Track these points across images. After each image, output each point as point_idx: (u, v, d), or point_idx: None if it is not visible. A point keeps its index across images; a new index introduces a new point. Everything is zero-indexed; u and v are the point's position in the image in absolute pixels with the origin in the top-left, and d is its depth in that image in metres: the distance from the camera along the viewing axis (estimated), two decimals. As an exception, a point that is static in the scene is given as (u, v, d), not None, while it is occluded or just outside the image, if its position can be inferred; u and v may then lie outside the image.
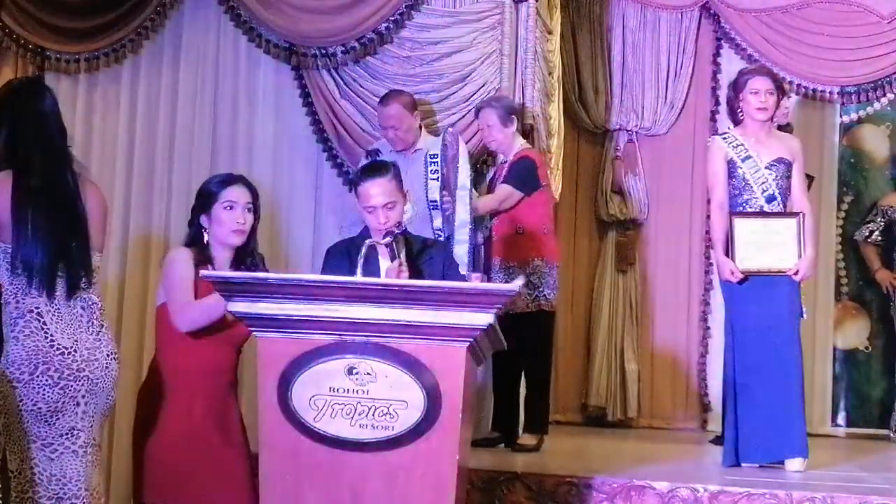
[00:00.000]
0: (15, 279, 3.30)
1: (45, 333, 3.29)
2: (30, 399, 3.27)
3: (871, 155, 7.28)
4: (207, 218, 3.89)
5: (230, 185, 3.91)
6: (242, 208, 3.88)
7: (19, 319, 3.29)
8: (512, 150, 5.63)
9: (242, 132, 6.30)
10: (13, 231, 3.28)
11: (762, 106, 5.24)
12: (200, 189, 3.98)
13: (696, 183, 7.17)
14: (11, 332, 3.29)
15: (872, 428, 7.01)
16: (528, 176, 5.55)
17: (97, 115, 6.41)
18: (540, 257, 5.52)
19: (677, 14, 7.25)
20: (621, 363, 7.13)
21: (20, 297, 3.30)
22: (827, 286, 7.15)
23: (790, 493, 4.37)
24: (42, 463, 3.29)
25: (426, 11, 6.06)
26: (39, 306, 3.30)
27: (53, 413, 3.28)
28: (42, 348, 3.27)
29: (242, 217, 3.87)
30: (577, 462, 5.50)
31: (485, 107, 5.63)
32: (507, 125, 5.58)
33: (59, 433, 3.30)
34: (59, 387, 3.27)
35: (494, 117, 5.57)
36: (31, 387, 3.26)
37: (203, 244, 3.89)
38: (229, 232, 3.86)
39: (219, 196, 3.87)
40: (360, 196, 4.09)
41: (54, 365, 3.27)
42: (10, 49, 6.35)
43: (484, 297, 3.16)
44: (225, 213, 3.86)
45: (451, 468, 3.12)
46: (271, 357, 3.22)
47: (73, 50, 6.36)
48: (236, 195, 3.88)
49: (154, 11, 6.30)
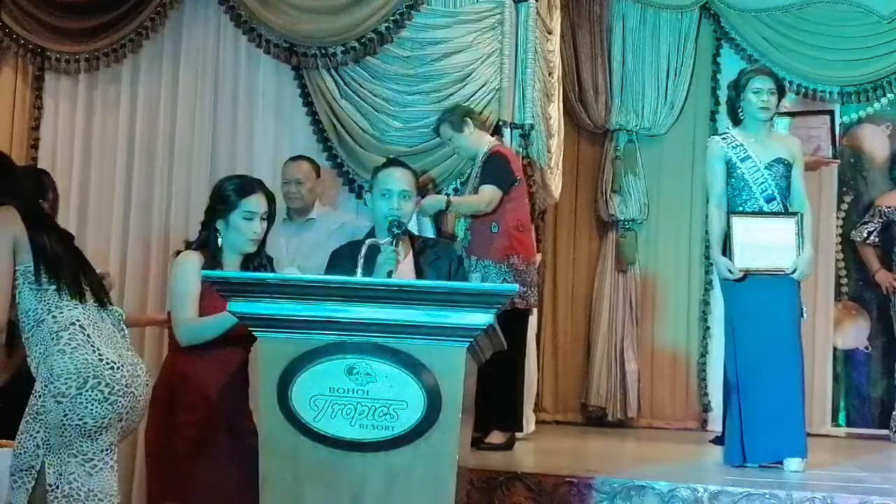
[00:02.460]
0: (43, 294, 3.29)
1: (92, 347, 3.28)
2: (76, 414, 3.24)
3: (871, 155, 7.28)
4: (224, 223, 3.87)
5: (250, 194, 3.87)
6: (260, 218, 3.87)
7: (62, 332, 3.27)
8: (481, 149, 5.62)
9: (242, 132, 6.30)
10: (34, 246, 3.29)
11: (764, 106, 5.24)
12: (218, 193, 3.92)
13: (695, 183, 7.17)
14: (56, 346, 3.25)
15: (872, 428, 7.02)
16: (504, 172, 5.52)
17: (97, 115, 6.42)
18: (516, 254, 5.47)
19: (677, 14, 7.26)
20: (621, 363, 7.13)
21: (55, 309, 3.29)
22: (827, 286, 7.15)
23: (790, 493, 4.37)
24: (81, 479, 3.26)
25: (426, 11, 6.06)
26: (79, 318, 3.30)
27: (99, 429, 3.27)
28: (92, 362, 3.26)
29: (259, 227, 3.86)
30: (577, 462, 5.50)
31: (438, 124, 5.71)
32: (462, 129, 5.61)
33: (101, 448, 3.30)
34: (109, 402, 3.26)
35: (448, 129, 5.64)
36: (79, 401, 3.23)
37: (215, 247, 3.87)
38: (246, 241, 3.86)
39: (238, 205, 3.84)
40: (379, 181, 4.16)
41: (105, 380, 3.26)
42: (10, 49, 6.36)
43: (484, 297, 3.16)
44: (243, 223, 3.84)
45: (450, 468, 3.11)
46: (271, 357, 3.21)
47: (73, 50, 6.37)
48: (255, 205, 3.86)
49: (154, 11, 6.31)
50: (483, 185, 5.50)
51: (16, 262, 3.28)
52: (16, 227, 3.29)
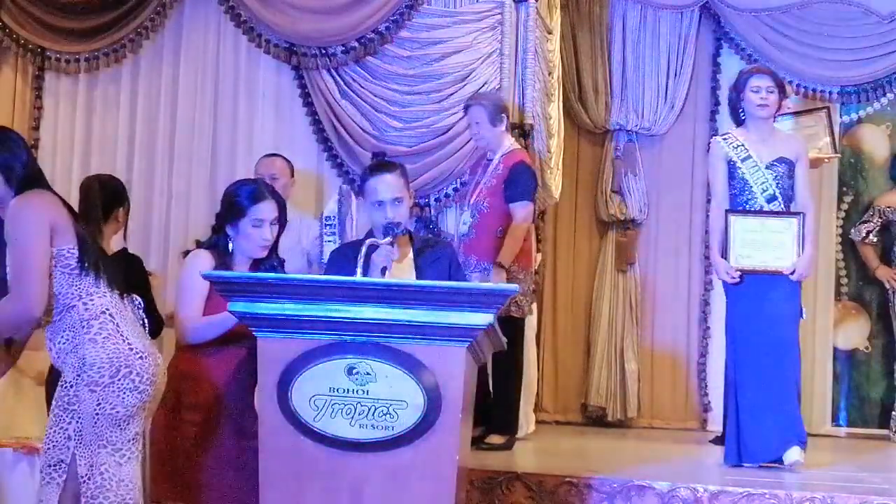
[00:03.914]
0: (77, 279, 3.28)
1: (122, 336, 3.28)
2: (109, 403, 3.25)
3: (871, 155, 7.27)
4: (234, 229, 3.86)
5: (259, 201, 3.85)
6: (269, 224, 3.87)
7: (92, 321, 3.27)
8: (500, 149, 5.55)
9: (242, 132, 6.31)
10: (77, 231, 3.30)
11: (763, 103, 5.24)
12: (229, 199, 3.91)
13: (695, 183, 7.17)
14: (86, 335, 3.25)
15: (872, 428, 7.00)
16: (533, 184, 5.53)
17: (97, 115, 6.43)
18: (516, 262, 5.44)
19: (677, 14, 7.25)
20: (621, 363, 7.12)
21: (86, 297, 3.28)
22: (827, 286, 7.15)
23: (790, 493, 4.37)
24: (112, 469, 3.27)
25: (426, 11, 6.06)
26: (109, 307, 3.30)
27: (128, 418, 3.28)
28: (123, 351, 3.26)
29: (269, 233, 3.86)
30: (577, 462, 5.50)
31: (474, 104, 5.58)
32: (497, 124, 5.52)
33: (128, 438, 3.30)
34: (139, 391, 3.27)
35: (484, 115, 5.50)
36: (112, 390, 3.24)
37: (225, 250, 3.86)
38: (255, 247, 3.85)
39: (247, 212, 3.83)
40: (368, 192, 4.12)
41: (136, 369, 3.27)
42: (10, 49, 6.37)
43: (484, 297, 3.16)
44: (253, 230, 3.83)
45: (451, 468, 3.12)
46: (271, 357, 3.22)
47: (73, 50, 6.37)
48: (265, 213, 3.85)
49: (154, 11, 6.32)
50: (515, 201, 5.43)
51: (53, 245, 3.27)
52: (55, 210, 3.29)
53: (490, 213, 5.47)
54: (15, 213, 3.25)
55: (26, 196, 3.28)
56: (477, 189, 5.59)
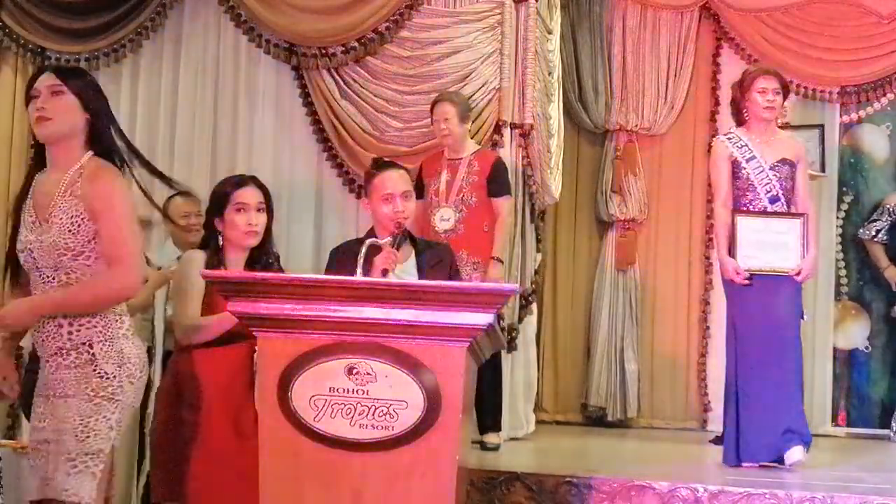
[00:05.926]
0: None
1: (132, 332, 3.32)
2: (136, 397, 3.31)
3: (871, 155, 7.27)
4: (221, 221, 3.89)
5: (241, 186, 3.91)
6: (254, 209, 3.88)
7: (124, 317, 3.28)
8: (464, 148, 5.64)
9: (242, 132, 6.31)
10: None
11: (769, 105, 5.23)
12: (213, 192, 3.98)
13: (696, 183, 7.17)
14: (120, 329, 3.26)
15: (872, 428, 7.01)
16: (509, 179, 5.67)
17: (97, 115, 6.40)
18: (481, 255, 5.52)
19: (677, 14, 7.25)
20: (621, 363, 7.12)
21: None
22: (827, 286, 7.15)
23: (790, 494, 4.37)
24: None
25: (426, 11, 6.06)
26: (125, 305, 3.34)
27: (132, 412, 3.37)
28: (142, 349, 3.33)
29: (255, 218, 3.87)
30: (577, 462, 5.50)
31: (444, 100, 5.65)
32: (464, 122, 5.63)
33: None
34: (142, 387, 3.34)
35: (454, 112, 5.59)
36: (138, 385, 3.29)
37: (217, 247, 3.88)
38: (242, 234, 3.87)
39: (230, 198, 3.88)
40: (377, 186, 4.14)
41: (146, 367, 3.33)
42: (10, 49, 6.37)
43: (484, 297, 3.16)
44: (237, 215, 3.86)
45: (451, 468, 3.11)
46: (271, 357, 3.22)
47: (73, 50, 6.38)
48: (247, 196, 3.88)
49: (154, 11, 6.32)
50: (499, 196, 5.57)
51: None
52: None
53: (477, 208, 5.55)
54: (111, 179, 3.23)
55: (112, 167, 3.28)
56: (455, 186, 5.61)
